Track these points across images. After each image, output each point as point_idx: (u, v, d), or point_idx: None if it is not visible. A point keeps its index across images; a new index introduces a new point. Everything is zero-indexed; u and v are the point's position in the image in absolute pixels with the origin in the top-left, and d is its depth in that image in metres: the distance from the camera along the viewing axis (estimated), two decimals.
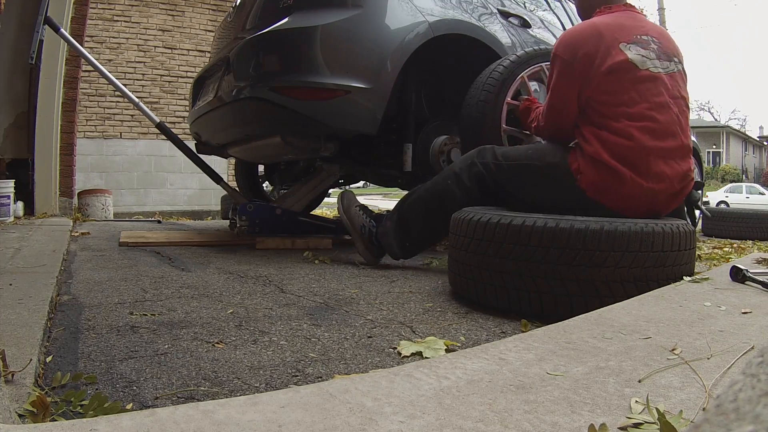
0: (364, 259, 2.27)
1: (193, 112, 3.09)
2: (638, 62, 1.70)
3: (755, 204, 17.50)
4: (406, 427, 0.60)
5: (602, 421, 0.62)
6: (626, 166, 1.65)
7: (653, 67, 1.72)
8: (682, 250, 1.48)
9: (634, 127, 1.66)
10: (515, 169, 1.86)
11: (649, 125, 1.66)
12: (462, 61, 2.87)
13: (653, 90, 1.69)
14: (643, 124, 1.66)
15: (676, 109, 1.72)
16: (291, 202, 2.99)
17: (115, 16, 6.99)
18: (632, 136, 1.65)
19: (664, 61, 1.76)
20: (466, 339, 1.24)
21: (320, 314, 1.43)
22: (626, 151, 1.65)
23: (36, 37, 2.94)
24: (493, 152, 1.93)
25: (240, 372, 0.99)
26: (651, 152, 1.65)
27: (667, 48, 1.81)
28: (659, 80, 1.71)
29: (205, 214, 7.18)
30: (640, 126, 1.66)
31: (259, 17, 2.55)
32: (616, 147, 1.66)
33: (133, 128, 7.00)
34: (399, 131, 2.73)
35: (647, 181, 1.65)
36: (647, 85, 1.69)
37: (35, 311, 1.18)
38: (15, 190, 3.95)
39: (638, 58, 1.71)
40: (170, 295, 1.63)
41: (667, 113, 1.69)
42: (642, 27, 1.81)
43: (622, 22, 1.79)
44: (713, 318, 1.07)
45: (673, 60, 1.80)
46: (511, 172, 1.87)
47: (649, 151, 1.65)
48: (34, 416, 0.72)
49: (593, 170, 1.69)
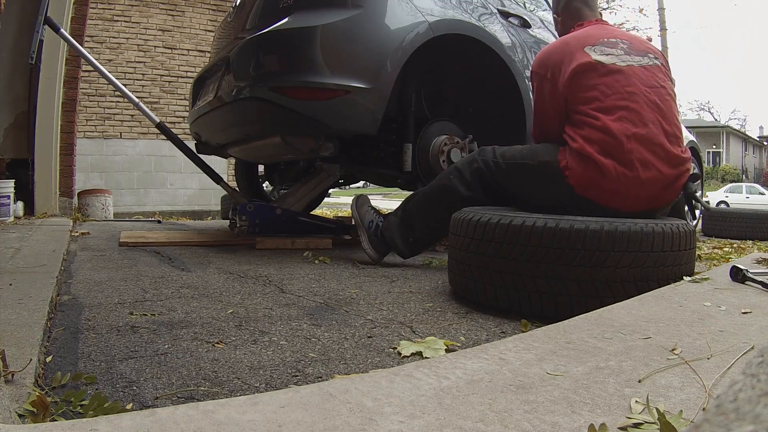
0: (368, 255, 2.28)
1: (193, 112, 3.09)
2: (604, 60, 1.76)
3: (755, 204, 17.51)
4: (406, 427, 0.60)
5: (602, 421, 0.62)
6: (609, 158, 1.67)
7: (620, 62, 1.77)
8: (682, 250, 1.48)
9: (609, 119, 1.69)
10: (512, 168, 1.91)
11: (625, 114, 1.69)
12: (462, 61, 2.87)
13: (622, 81, 1.73)
14: (619, 114, 1.69)
15: (656, 98, 1.74)
16: (291, 202, 2.99)
17: (115, 16, 6.99)
18: (609, 129, 1.68)
19: (635, 56, 1.80)
20: (466, 339, 1.24)
21: (320, 314, 1.43)
22: (607, 145, 1.68)
23: (36, 37, 2.94)
24: (493, 151, 1.98)
25: (240, 372, 0.99)
26: (631, 139, 1.67)
27: (639, 46, 1.86)
28: (629, 72, 1.75)
29: (205, 214, 7.18)
30: (616, 117, 1.69)
31: (259, 17, 2.55)
32: (598, 141, 1.69)
33: (133, 128, 7.01)
34: (399, 131, 2.73)
35: (631, 170, 1.66)
36: (616, 77, 1.74)
37: (35, 311, 1.18)
38: (15, 190, 3.95)
39: (603, 57, 1.77)
40: (170, 295, 1.63)
41: (641, 100, 1.71)
42: (610, 34, 1.89)
43: (590, 32, 1.88)
44: (713, 318, 1.07)
45: (648, 55, 1.84)
46: (508, 171, 1.92)
47: (628, 138, 1.67)
48: (34, 416, 0.72)
49: (580, 165, 1.72)
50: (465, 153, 2.67)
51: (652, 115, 1.70)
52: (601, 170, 1.67)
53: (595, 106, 1.72)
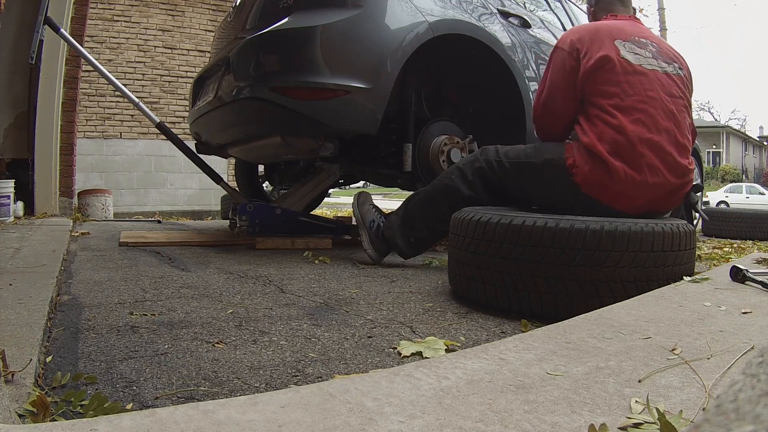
0: (368, 255, 2.27)
1: (193, 112, 3.09)
2: (631, 59, 1.74)
3: (755, 204, 17.51)
4: (406, 427, 0.60)
5: (602, 421, 0.62)
6: (619, 160, 1.67)
7: (647, 64, 1.75)
8: (682, 250, 1.48)
9: (627, 120, 1.68)
10: (515, 167, 1.90)
11: (641, 118, 1.68)
12: (462, 61, 2.87)
13: (645, 84, 1.72)
14: (636, 116, 1.68)
15: (673, 107, 1.73)
16: (291, 202, 2.99)
17: (115, 16, 6.99)
18: (625, 130, 1.67)
19: (661, 61, 1.79)
20: (466, 339, 1.24)
21: (320, 314, 1.43)
22: (619, 146, 1.67)
23: (36, 37, 2.94)
24: (495, 151, 1.97)
25: (240, 372, 0.99)
26: (643, 144, 1.67)
27: (667, 52, 1.84)
28: (653, 76, 1.74)
29: (205, 214, 7.18)
30: (633, 119, 1.68)
31: (259, 17, 2.55)
32: (611, 140, 1.68)
33: (133, 128, 7.01)
34: (399, 131, 2.73)
35: (639, 173, 1.66)
36: (639, 79, 1.72)
37: (35, 311, 1.18)
38: (15, 190, 3.95)
39: (631, 55, 1.75)
40: (170, 295, 1.63)
41: (659, 107, 1.71)
42: (641, 33, 1.85)
43: (623, 26, 1.85)
44: (713, 318, 1.07)
45: (673, 64, 1.82)
46: (512, 170, 1.90)
47: (641, 142, 1.67)
48: (34, 416, 0.72)
49: (588, 164, 1.71)
50: (465, 153, 2.67)
51: (667, 124, 1.70)
52: (610, 171, 1.67)
53: (614, 102, 1.70)
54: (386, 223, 2.21)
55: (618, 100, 1.70)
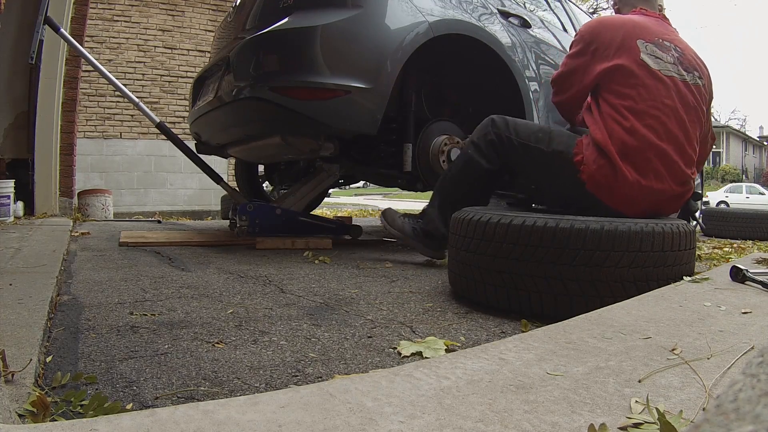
0: (429, 257, 2.28)
1: (193, 112, 3.09)
2: (651, 63, 1.71)
3: (755, 204, 17.52)
4: (406, 427, 0.60)
5: (602, 421, 0.62)
6: (627, 162, 1.66)
7: (666, 71, 1.73)
8: (682, 250, 1.48)
9: (639, 123, 1.67)
10: (524, 149, 1.89)
11: (653, 124, 1.67)
12: (462, 61, 2.87)
13: (662, 91, 1.70)
14: (648, 122, 1.68)
15: (686, 117, 1.72)
16: (291, 202, 2.99)
17: (115, 16, 6.99)
18: (636, 133, 1.66)
19: (681, 68, 1.76)
20: (466, 339, 1.23)
21: (320, 314, 1.43)
22: (628, 148, 1.67)
23: (36, 37, 2.94)
24: (505, 123, 1.95)
25: (240, 372, 0.99)
26: (653, 150, 1.67)
27: (690, 60, 1.81)
28: (670, 84, 1.72)
29: (205, 214, 7.18)
30: (645, 123, 1.67)
31: (259, 17, 2.55)
32: (620, 142, 1.68)
33: (133, 128, 7.01)
34: (399, 131, 2.74)
35: (645, 178, 1.66)
36: (657, 84, 1.70)
37: (35, 311, 1.18)
38: (15, 190, 3.95)
39: (651, 60, 1.72)
40: (170, 295, 1.63)
41: (672, 116, 1.70)
42: (668, 34, 1.81)
43: (649, 25, 1.81)
44: (713, 318, 1.07)
45: (693, 73, 1.80)
46: (519, 149, 1.90)
47: (651, 149, 1.66)
48: (34, 416, 0.72)
49: (596, 162, 1.70)
50: None
51: (678, 134, 1.70)
52: (617, 173, 1.67)
53: (629, 104, 1.69)
54: (424, 219, 2.22)
55: (632, 102, 1.69)
